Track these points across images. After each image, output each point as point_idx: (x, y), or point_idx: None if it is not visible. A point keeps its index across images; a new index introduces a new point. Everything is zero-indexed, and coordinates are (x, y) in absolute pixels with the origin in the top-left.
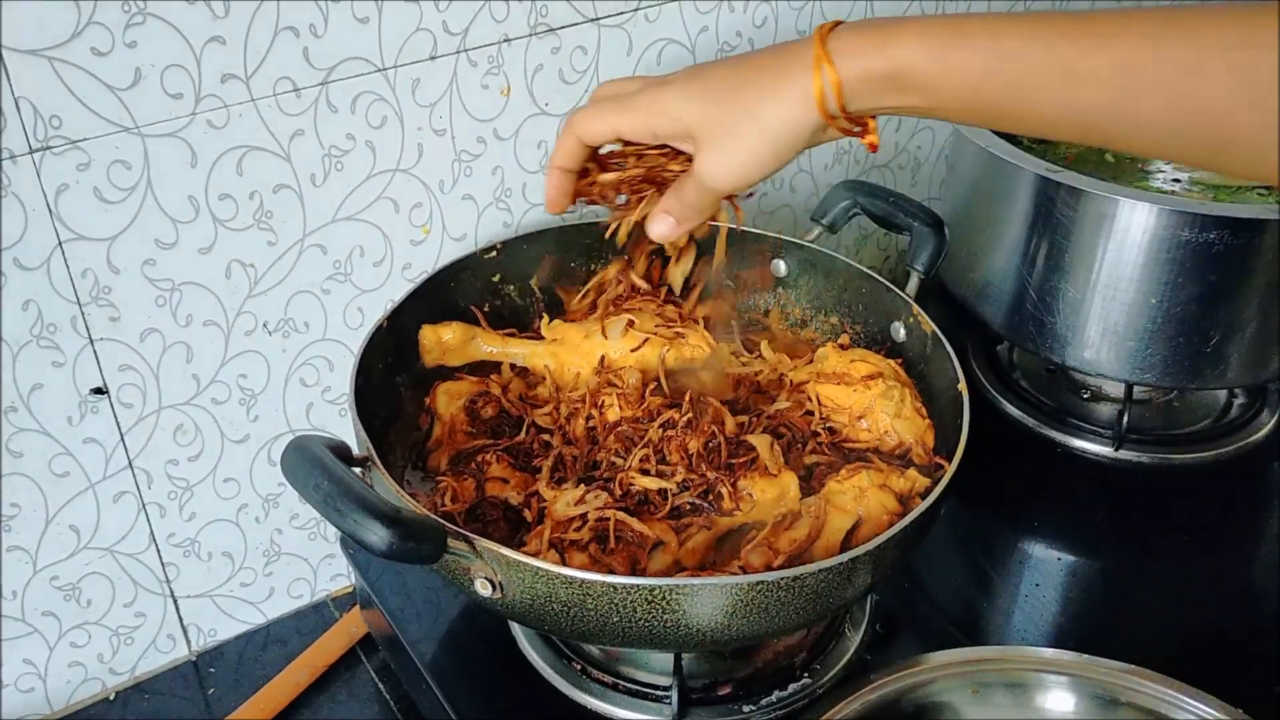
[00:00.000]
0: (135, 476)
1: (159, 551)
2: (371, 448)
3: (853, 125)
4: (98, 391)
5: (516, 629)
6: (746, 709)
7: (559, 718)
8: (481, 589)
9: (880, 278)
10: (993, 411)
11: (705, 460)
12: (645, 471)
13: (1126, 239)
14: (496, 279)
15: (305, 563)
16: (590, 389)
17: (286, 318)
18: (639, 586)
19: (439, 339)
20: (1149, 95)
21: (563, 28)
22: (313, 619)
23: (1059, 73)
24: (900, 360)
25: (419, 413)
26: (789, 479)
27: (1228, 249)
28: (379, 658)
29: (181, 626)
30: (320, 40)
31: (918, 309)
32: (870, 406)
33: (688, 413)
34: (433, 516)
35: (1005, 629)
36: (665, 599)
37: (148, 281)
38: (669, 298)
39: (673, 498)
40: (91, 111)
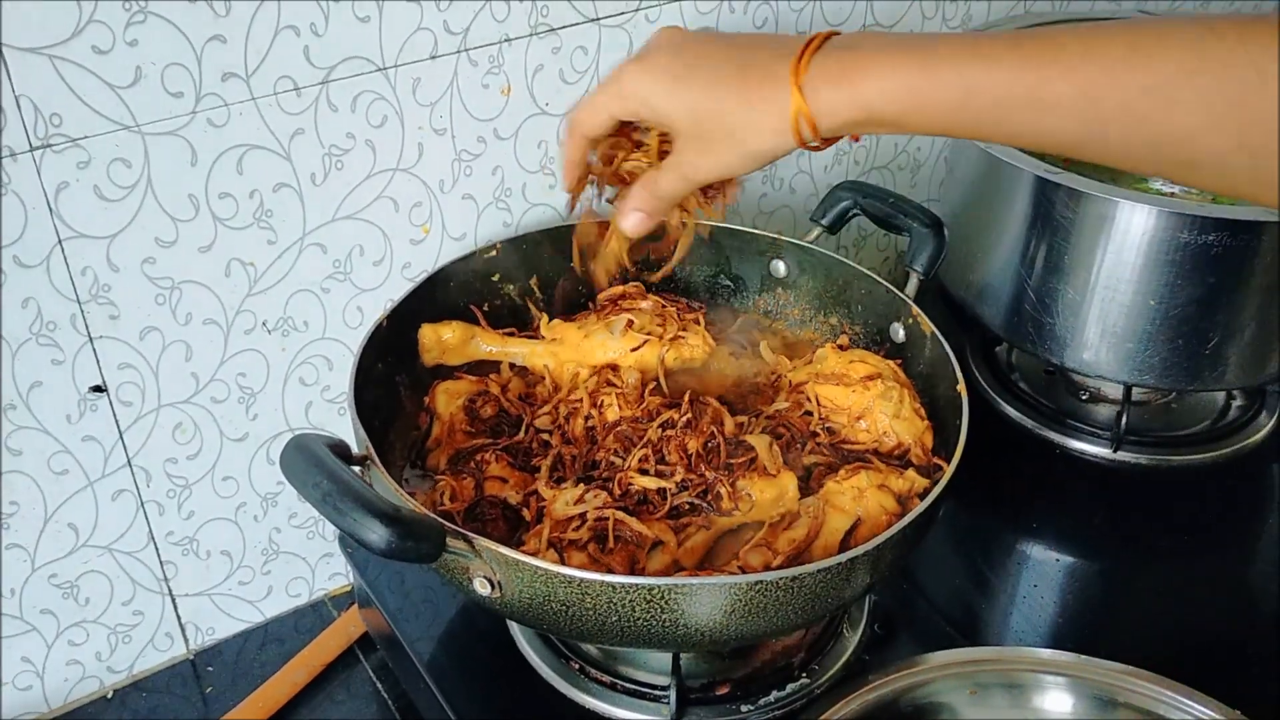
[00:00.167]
0: (134, 475)
1: (157, 550)
2: (371, 447)
3: (829, 141)
4: (97, 389)
5: (515, 628)
6: (745, 709)
7: (557, 717)
8: (480, 588)
9: (879, 279)
10: (991, 412)
11: (704, 460)
12: (644, 471)
13: (1125, 241)
14: (496, 278)
15: (304, 562)
16: (589, 389)
17: (286, 316)
18: (638, 586)
19: (438, 338)
20: (1114, 119)
21: (563, 28)
22: (311, 618)
23: (1025, 102)
24: (899, 361)
25: (418, 412)
26: (788, 479)
27: (1226, 251)
28: (377, 657)
29: (179, 625)
30: (321, 39)
31: (917, 310)
32: (869, 407)
33: (687, 413)
34: (432, 515)
35: (1003, 630)
36: (664, 599)
37: (147, 280)
38: (669, 297)
39: (671, 497)
40: (92, 110)
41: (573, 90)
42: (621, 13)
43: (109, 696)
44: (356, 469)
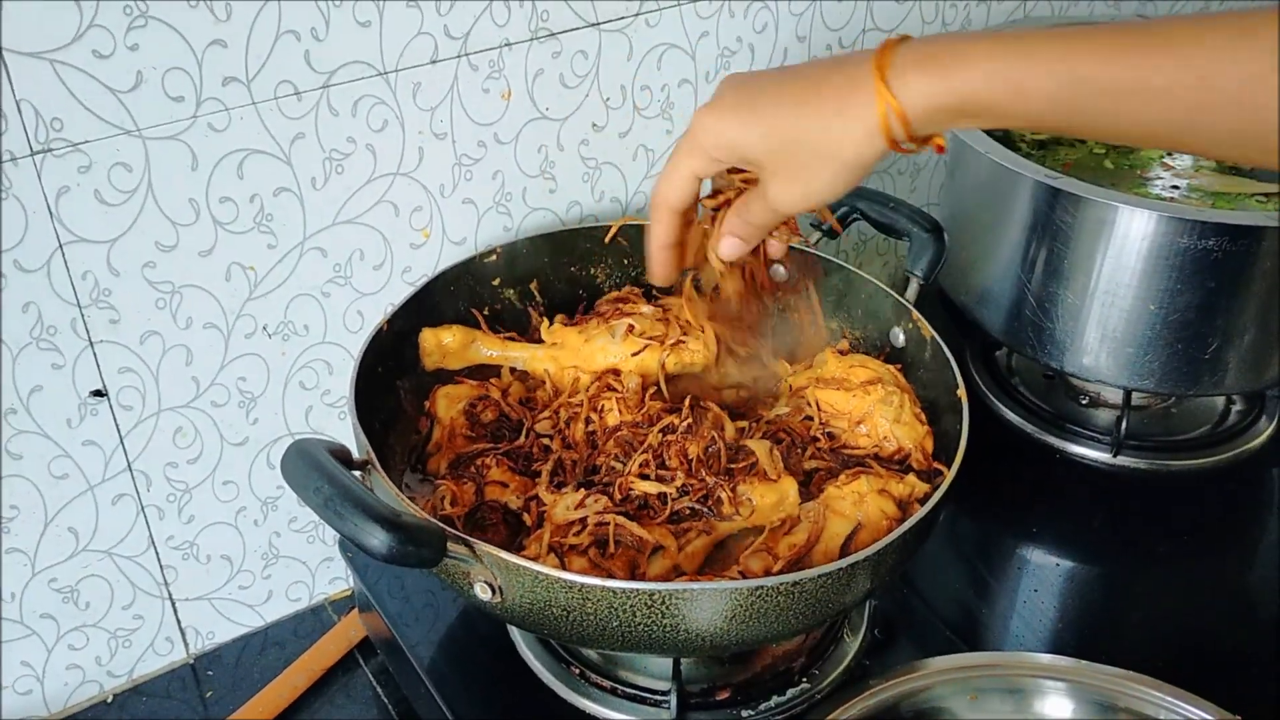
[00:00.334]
0: (134, 479)
1: (157, 554)
2: (371, 451)
3: (921, 144)
4: (97, 394)
5: (515, 633)
6: (745, 714)
7: None
8: (481, 593)
9: (880, 283)
10: (991, 417)
11: (705, 465)
12: (645, 476)
13: (1125, 245)
14: (496, 283)
15: (304, 566)
16: (590, 393)
17: (286, 321)
18: (638, 591)
19: (439, 342)
20: (1223, 107)
21: (563, 32)
22: (311, 622)
23: (1134, 91)
24: (899, 366)
25: (418, 416)
26: (788, 484)
27: (1226, 256)
28: (377, 661)
29: (179, 629)
30: (321, 44)
31: (917, 314)
32: (869, 412)
33: (687, 418)
34: (432, 520)
35: (1003, 635)
36: (664, 604)
37: (148, 284)
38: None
39: (672, 502)
40: (93, 114)
41: (573, 95)
42: (621, 17)
43: (109, 701)
44: (357, 474)
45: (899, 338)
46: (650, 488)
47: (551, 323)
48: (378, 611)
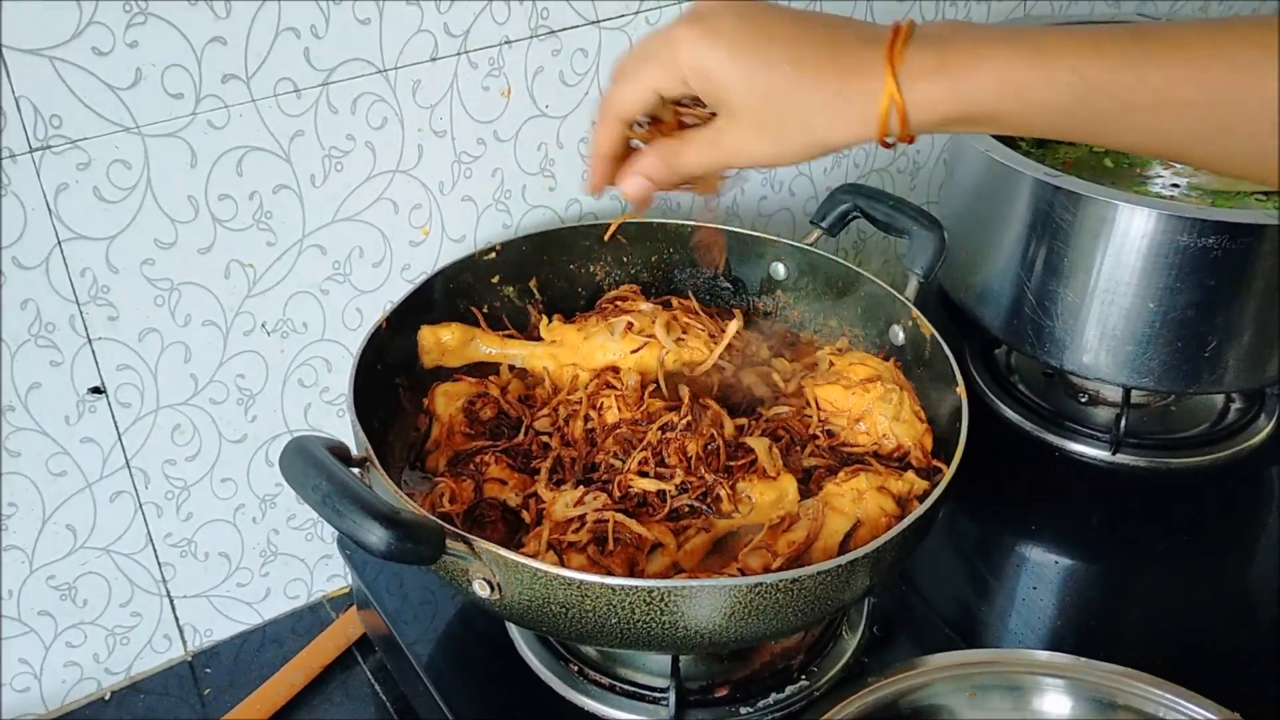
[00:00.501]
0: (132, 476)
1: (155, 551)
2: (370, 448)
3: (909, 140)
4: (95, 391)
5: (514, 630)
6: (744, 711)
7: (556, 719)
8: (480, 590)
9: (879, 281)
10: (991, 415)
11: (704, 462)
12: (644, 473)
13: (1125, 244)
14: (495, 280)
15: (302, 563)
16: (589, 391)
17: (285, 318)
18: (637, 588)
19: (438, 340)
20: (1244, 122)
21: (563, 30)
22: (309, 619)
23: (1150, 103)
24: (899, 363)
25: (417, 414)
26: (787, 481)
27: (1226, 254)
28: (375, 659)
29: (178, 626)
30: (321, 41)
31: (916, 312)
32: (869, 409)
33: (686, 415)
34: (431, 517)
35: (1002, 632)
36: (663, 601)
37: (146, 281)
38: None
39: (671, 500)
40: (92, 111)
41: (573, 93)
42: (622, 15)
43: (107, 698)
44: (356, 471)
45: (898, 335)
46: (649, 485)
47: (550, 320)
48: (376, 609)
